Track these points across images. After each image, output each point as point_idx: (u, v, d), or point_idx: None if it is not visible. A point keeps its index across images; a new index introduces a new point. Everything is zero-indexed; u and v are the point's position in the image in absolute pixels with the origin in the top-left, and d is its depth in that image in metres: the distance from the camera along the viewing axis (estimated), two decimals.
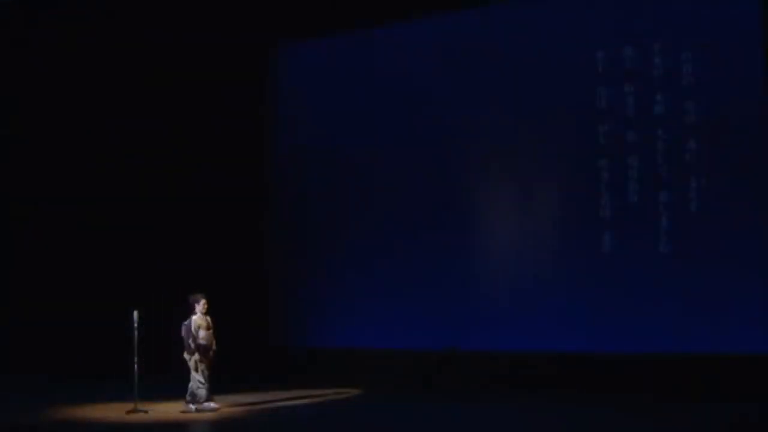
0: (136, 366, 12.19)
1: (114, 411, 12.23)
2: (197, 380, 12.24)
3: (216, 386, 14.73)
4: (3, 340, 17.54)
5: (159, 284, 16.65)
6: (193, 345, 12.23)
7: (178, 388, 14.29)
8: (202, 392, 12.24)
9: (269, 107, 17.25)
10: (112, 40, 17.38)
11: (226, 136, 16.80)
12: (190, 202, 16.91)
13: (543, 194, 14.64)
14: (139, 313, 12.27)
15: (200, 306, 12.39)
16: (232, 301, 16.21)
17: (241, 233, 16.67)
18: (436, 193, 15.46)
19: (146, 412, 12.04)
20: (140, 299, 13.50)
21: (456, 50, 15.44)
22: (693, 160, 13.52)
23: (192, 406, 12.21)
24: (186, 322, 12.37)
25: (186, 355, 12.31)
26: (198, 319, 12.33)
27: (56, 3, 17.77)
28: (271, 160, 17.18)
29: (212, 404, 12.30)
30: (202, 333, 12.24)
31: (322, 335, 16.27)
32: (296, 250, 16.80)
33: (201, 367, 12.24)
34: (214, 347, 12.44)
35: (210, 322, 12.44)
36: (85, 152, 17.79)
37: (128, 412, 11.97)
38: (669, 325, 13.35)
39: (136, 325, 12.22)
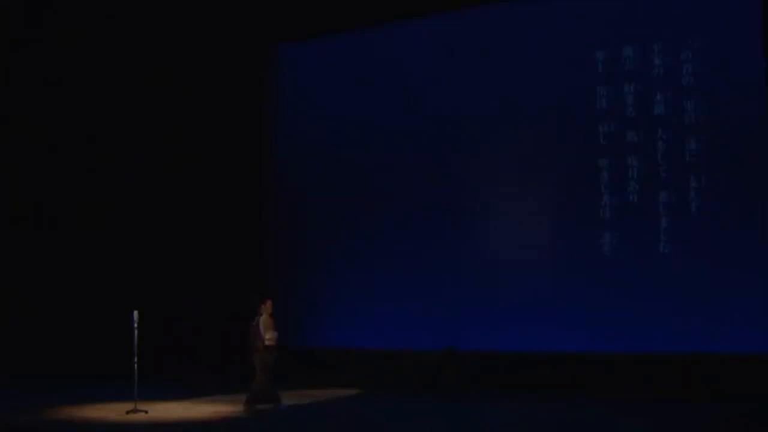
0: (136, 366, 12.18)
1: (114, 411, 12.22)
2: (260, 380, 12.33)
3: (216, 387, 14.79)
4: (3, 340, 17.54)
5: (159, 284, 16.67)
6: (261, 345, 12.29)
7: (178, 388, 14.35)
8: (258, 390, 12.37)
9: (269, 107, 17.25)
10: (112, 41, 17.39)
11: (226, 136, 16.80)
12: (190, 203, 16.91)
13: (543, 194, 14.64)
14: (139, 313, 12.26)
15: (266, 307, 12.47)
16: (231, 301, 16.24)
17: (240, 233, 16.67)
18: (435, 193, 15.46)
19: (146, 412, 12.03)
20: (140, 299, 13.50)
21: (456, 50, 15.45)
22: (693, 160, 13.53)
23: (258, 405, 12.33)
24: (253, 323, 12.47)
25: (255, 357, 12.39)
26: (265, 320, 12.41)
27: (56, 3, 17.78)
28: (271, 160, 17.18)
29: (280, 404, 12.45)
30: (269, 334, 12.34)
31: (322, 335, 16.27)
32: (296, 250, 16.80)
33: (268, 366, 12.31)
34: None
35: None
36: (85, 152, 17.80)
37: (128, 412, 11.97)
38: (669, 325, 13.36)
39: (136, 325, 12.21)
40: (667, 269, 13.57)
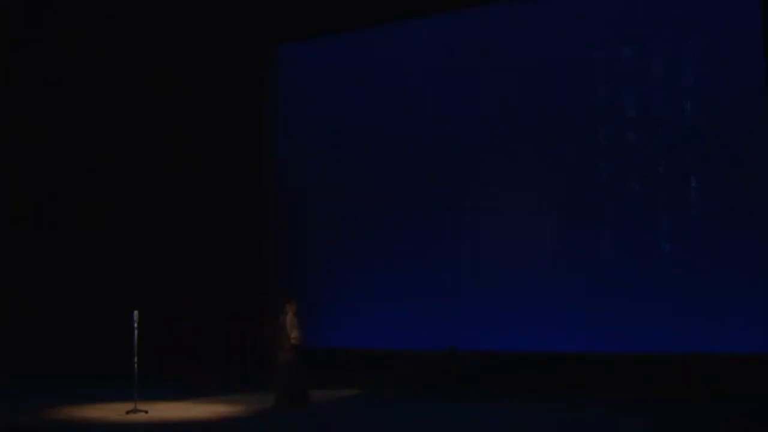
0: (136, 366, 12.18)
1: (114, 411, 12.22)
2: (285, 380, 12.40)
3: (216, 387, 14.79)
4: (3, 340, 17.54)
5: (159, 284, 16.67)
6: (287, 345, 12.40)
7: (178, 388, 14.34)
8: (284, 392, 12.42)
9: (269, 107, 17.25)
10: (112, 41, 17.39)
11: (226, 136, 16.80)
12: (190, 203, 16.91)
13: (543, 194, 14.64)
14: (139, 313, 12.26)
15: (292, 306, 12.57)
16: (231, 301, 16.24)
17: (240, 233, 16.67)
18: (435, 194, 15.46)
19: (146, 412, 12.03)
20: (140, 299, 13.50)
21: (456, 50, 15.46)
22: (693, 160, 13.53)
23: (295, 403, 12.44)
24: (279, 322, 12.57)
25: (280, 355, 12.45)
26: (291, 318, 12.49)
27: (56, 3, 17.78)
28: (271, 160, 17.18)
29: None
30: (295, 333, 12.44)
31: (323, 335, 16.25)
32: (296, 250, 16.80)
33: (290, 365, 12.37)
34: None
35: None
36: (85, 152, 17.80)
37: (128, 412, 11.97)
38: (669, 325, 13.36)
39: (136, 325, 12.21)
40: (667, 269, 13.58)
